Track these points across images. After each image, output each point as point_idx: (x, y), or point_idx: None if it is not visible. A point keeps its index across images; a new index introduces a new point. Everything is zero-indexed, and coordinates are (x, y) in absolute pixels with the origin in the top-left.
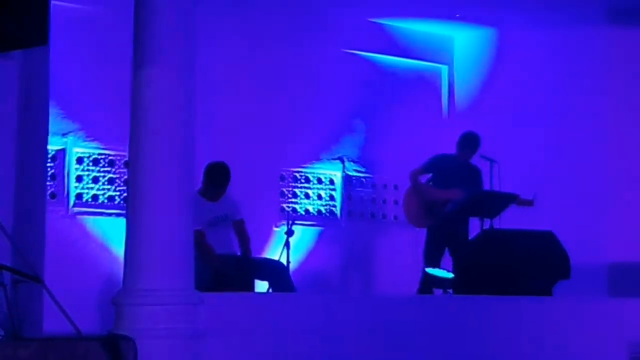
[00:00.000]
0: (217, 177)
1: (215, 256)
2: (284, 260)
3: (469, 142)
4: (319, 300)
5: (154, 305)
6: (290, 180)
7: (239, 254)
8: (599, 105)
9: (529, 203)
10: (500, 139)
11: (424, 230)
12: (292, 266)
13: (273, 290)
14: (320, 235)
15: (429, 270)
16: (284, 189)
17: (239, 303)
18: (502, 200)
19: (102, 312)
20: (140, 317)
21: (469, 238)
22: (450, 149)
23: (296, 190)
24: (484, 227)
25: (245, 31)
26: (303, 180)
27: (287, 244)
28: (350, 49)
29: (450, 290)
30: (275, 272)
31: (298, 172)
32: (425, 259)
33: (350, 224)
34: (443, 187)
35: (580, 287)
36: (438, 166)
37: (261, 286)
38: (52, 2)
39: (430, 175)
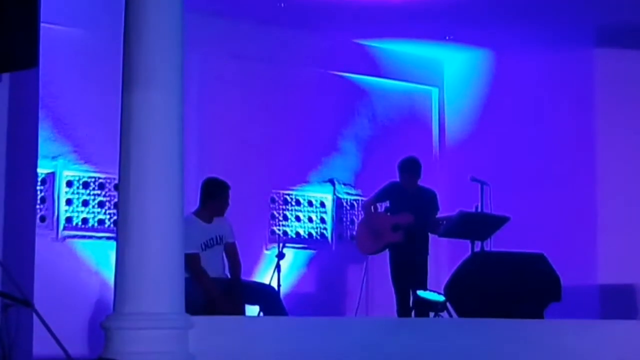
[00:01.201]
0: (215, 191)
1: (210, 281)
2: (274, 284)
3: (403, 167)
4: (311, 324)
5: (144, 330)
6: (281, 202)
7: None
8: (591, 127)
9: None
10: (492, 161)
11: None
12: (283, 290)
13: (264, 314)
14: (312, 258)
15: (420, 293)
16: (275, 212)
17: (229, 327)
18: (493, 223)
19: (92, 336)
20: (130, 341)
21: (428, 260)
22: (441, 170)
23: (287, 212)
24: (475, 250)
25: (234, 54)
26: (294, 203)
27: (277, 267)
28: (340, 71)
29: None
30: (266, 296)
31: (288, 194)
32: (395, 285)
33: (342, 246)
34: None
35: (571, 310)
36: (391, 194)
37: (251, 310)
38: (42, 24)
39: (387, 203)
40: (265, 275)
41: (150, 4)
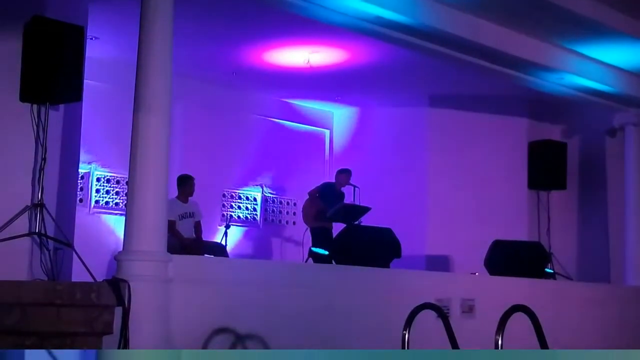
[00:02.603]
0: (185, 179)
1: (182, 236)
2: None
3: (344, 170)
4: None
5: (140, 261)
6: (229, 197)
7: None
8: (422, 161)
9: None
10: (361, 173)
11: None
12: (228, 249)
13: None
14: (246, 232)
15: (314, 248)
16: (225, 202)
17: (195, 261)
18: (360, 211)
19: (108, 269)
20: (132, 268)
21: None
22: (330, 179)
23: (232, 203)
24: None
25: (203, 105)
26: (237, 197)
27: (225, 235)
28: (270, 117)
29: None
30: (217, 249)
31: (234, 192)
32: (313, 242)
33: (266, 226)
34: (325, 201)
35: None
36: (325, 188)
37: None
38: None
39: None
40: (218, 240)
41: (152, 70)
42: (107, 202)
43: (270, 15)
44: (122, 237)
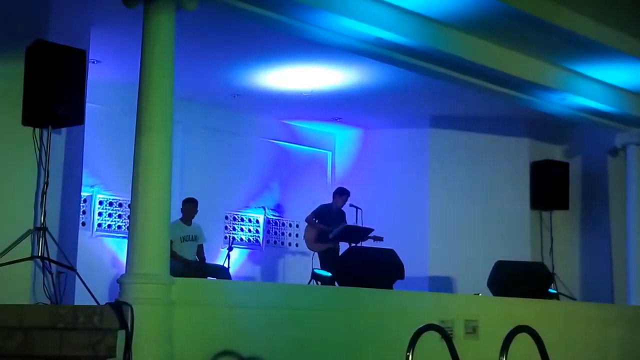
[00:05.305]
0: (188, 202)
1: (183, 260)
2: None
3: (342, 190)
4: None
5: (143, 284)
6: (231, 219)
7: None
8: (424, 180)
9: (380, 238)
10: (363, 195)
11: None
12: (231, 270)
13: None
14: (249, 254)
15: (316, 270)
16: (227, 224)
17: (197, 284)
18: (363, 232)
19: (110, 291)
20: (134, 290)
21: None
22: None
23: (235, 225)
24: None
25: (205, 126)
26: (239, 219)
27: (228, 257)
28: (271, 139)
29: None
30: (220, 271)
31: (237, 214)
32: (321, 265)
33: (268, 248)
34: (324, 223)
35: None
36: (322, 211)
37: None
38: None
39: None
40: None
41: (154, 93)
42: (109, 225)
43: (270, 37)
44: (124, 260)
